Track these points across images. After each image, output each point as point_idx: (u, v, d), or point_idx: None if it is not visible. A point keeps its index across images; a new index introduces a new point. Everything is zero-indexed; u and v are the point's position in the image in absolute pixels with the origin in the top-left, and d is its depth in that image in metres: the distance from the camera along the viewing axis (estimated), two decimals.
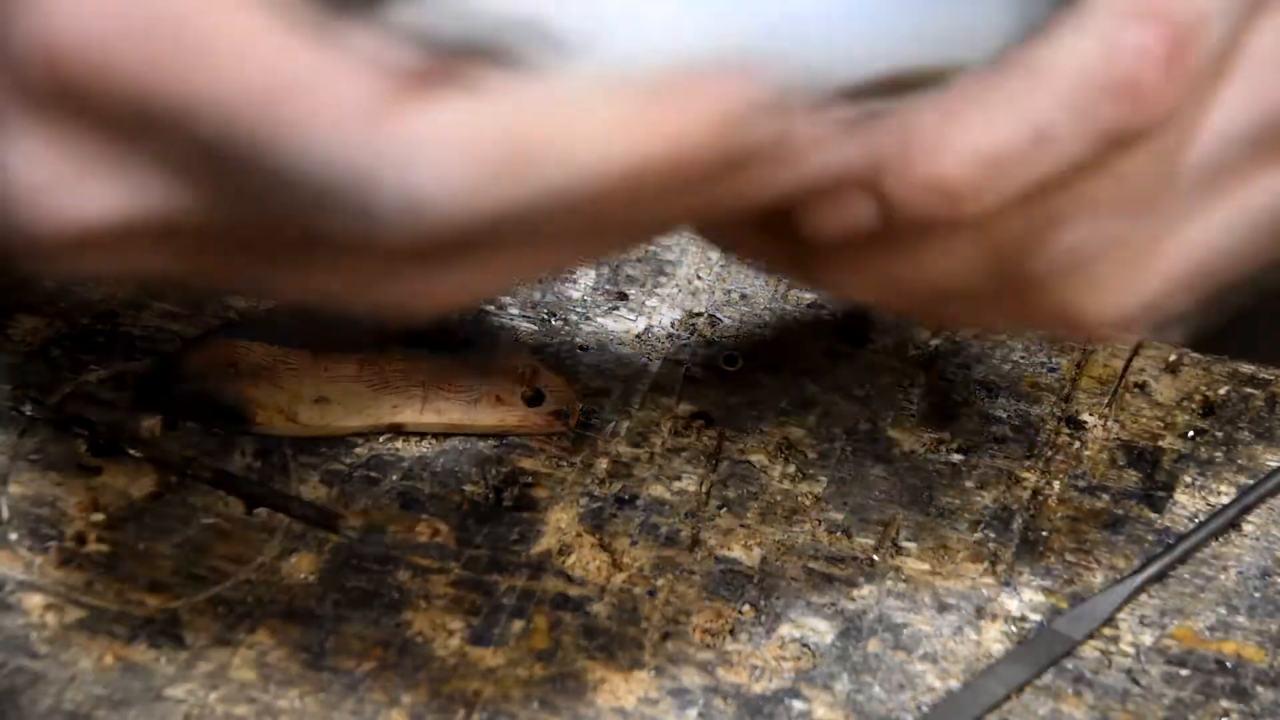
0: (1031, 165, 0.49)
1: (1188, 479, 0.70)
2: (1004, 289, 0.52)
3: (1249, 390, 0.72)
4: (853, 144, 0.48)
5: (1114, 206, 0.51)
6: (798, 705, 0.64)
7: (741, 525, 0.68)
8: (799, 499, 0.69)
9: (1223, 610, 0.67)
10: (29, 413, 0.68)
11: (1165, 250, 0.53)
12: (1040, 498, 0.69)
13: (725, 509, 0.68)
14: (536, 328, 0.73)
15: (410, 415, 0.69)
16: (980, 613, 0.66)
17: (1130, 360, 0.73)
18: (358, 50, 0.44)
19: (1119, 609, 0.66)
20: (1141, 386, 0.72)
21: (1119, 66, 0.49)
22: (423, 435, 0.69)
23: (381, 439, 0.69)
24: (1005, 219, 0.50)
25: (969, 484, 0.70)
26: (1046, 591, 0.67)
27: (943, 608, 0.66)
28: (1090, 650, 0.66)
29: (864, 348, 0.73)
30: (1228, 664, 0.66)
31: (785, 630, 0.66)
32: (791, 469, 0.70)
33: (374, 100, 0.44)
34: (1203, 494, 0.70)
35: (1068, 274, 0.52)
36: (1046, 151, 0.49)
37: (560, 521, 0.68)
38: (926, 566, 0.67)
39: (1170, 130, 0.50)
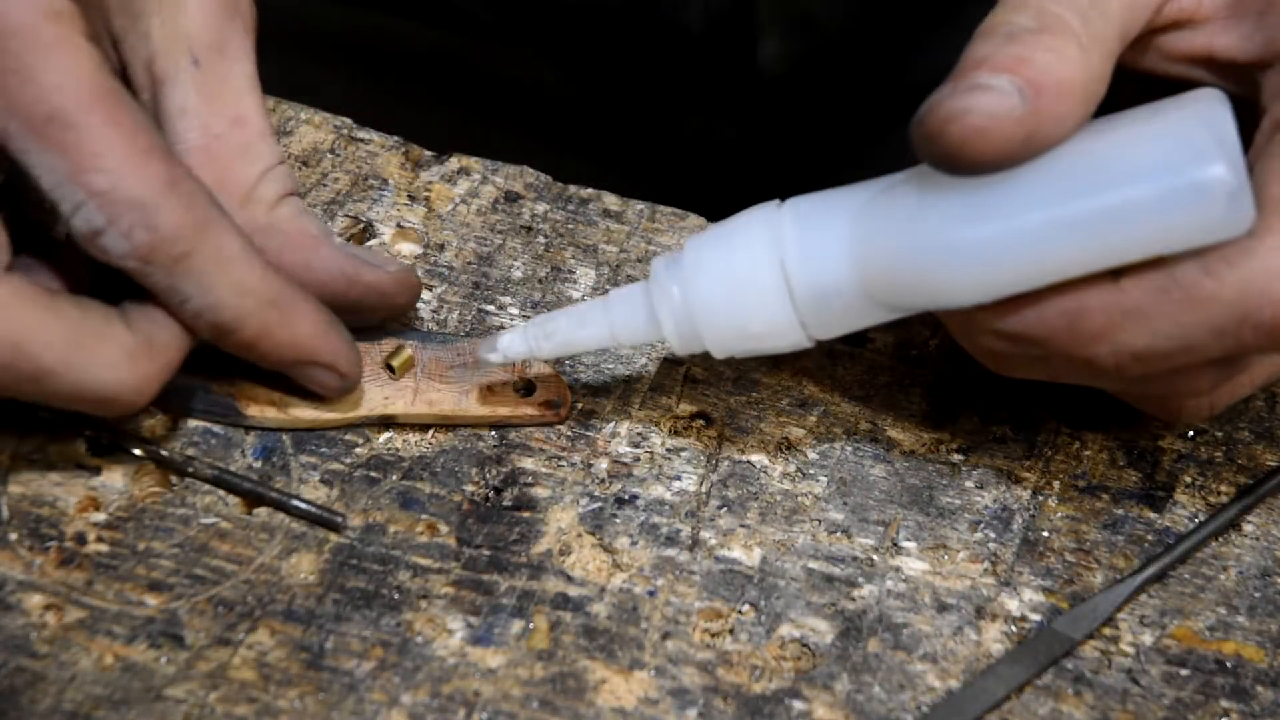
0: None
1: (1188, 479, 0.70)
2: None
3: None
4: None
5: None
6: (798, 705, 0.64)
7: (741, 525, 0.68)
8: (799, 499, 0.69)
9: (1223, 610, 0.67)
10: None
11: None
12: (1040, 498, 0.69)
13: (725, 509, 0.68)
14: None
15: (402, 407, 0.69)
16: (980, 613, 0.66)
17: None
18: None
19: (1119, 609, 0.66)
20: None
21: None
22: (418, 428, 0.69)
23: (381, 439, 0.69)
24: None
25: (969, 484, 0.70)
26: (1046, 591, 0.67)
27: (943, 608, 0.66)
28: (1090, 650, 0.66)
29: (864, 348, 0.73)
30: (1228, 664, 0.66)
31: (785, 630, 0.66)
32: (791, 469, 0.70)
33: None
34: (1203, 494, 0.70)
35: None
36: None
37: (560, 521, 0.68)
38: (926, 566, 0.67)
39: None
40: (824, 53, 0.98)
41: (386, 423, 0.69)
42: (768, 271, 0.64)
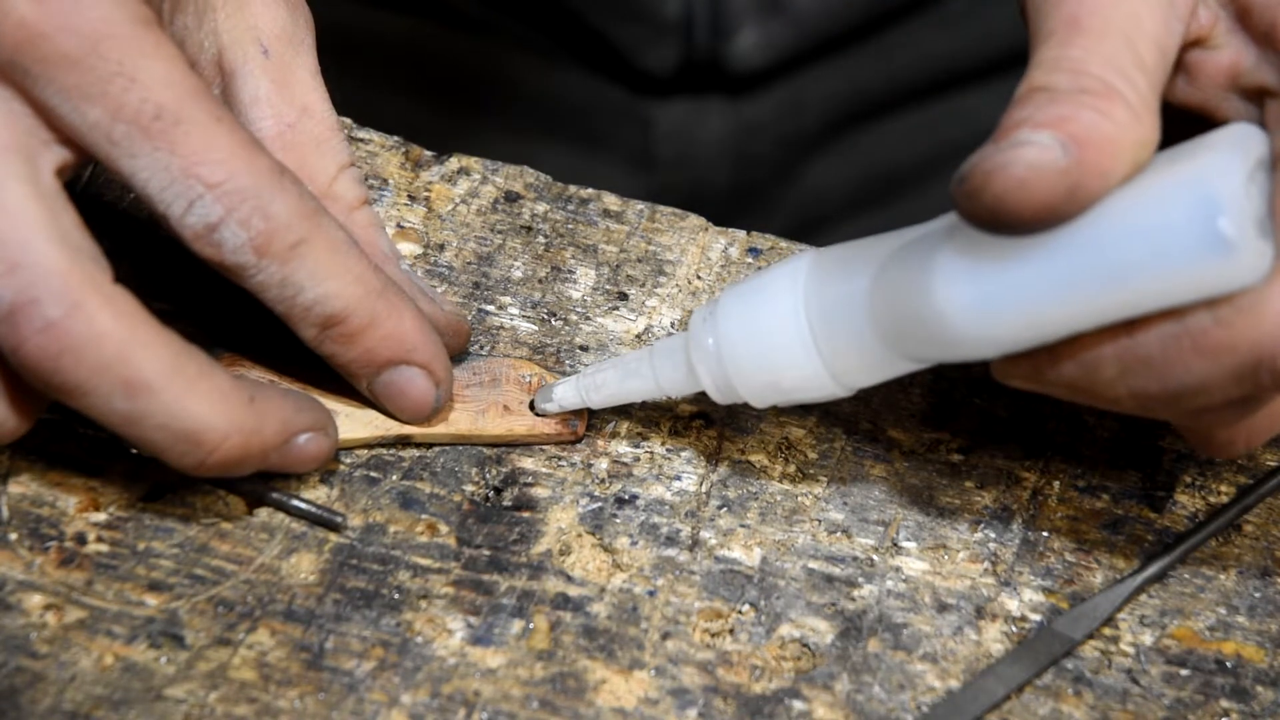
0: None
1: (1188, 479, 0.70)
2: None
3: None
4: None
5: None
6: (798, 705, 0.64)
7: (741, 525, 0.68)
8: (799, 499, 0.69)
9: (1223, 610, 0.67)
10: None
11: None
12: (1040, 498, 0.69)
13: (725, 509, 0.68)
14: (536, 327, 0.73)
15: (418, 426, 0.69)
16: (980, 613, 0.66)
17: None
18: None
19: (1119, 609, 0.66)
20: None
21: None
22: (430, 446, 0.69)
23: None
24: None
25: (969, 484, 0.70)
26: (1046, 591, 0.67)
27: (943, 608, 0.66)
28: (1090, 650, 0.66)
29: None
30: (1228, 664, 0.66)
31: (785, 630, 0.66)
32: (791, 469, 0.70)
33: None
34: (1203, 494, 0.70)
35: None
36: None
37: (560, 521, 0.68)
38: (926, 566, 0.67)
39: None
40: (801, 43, 0.98)
41: (402, 442, 0.69)
42: (793, 326, 0.64)
